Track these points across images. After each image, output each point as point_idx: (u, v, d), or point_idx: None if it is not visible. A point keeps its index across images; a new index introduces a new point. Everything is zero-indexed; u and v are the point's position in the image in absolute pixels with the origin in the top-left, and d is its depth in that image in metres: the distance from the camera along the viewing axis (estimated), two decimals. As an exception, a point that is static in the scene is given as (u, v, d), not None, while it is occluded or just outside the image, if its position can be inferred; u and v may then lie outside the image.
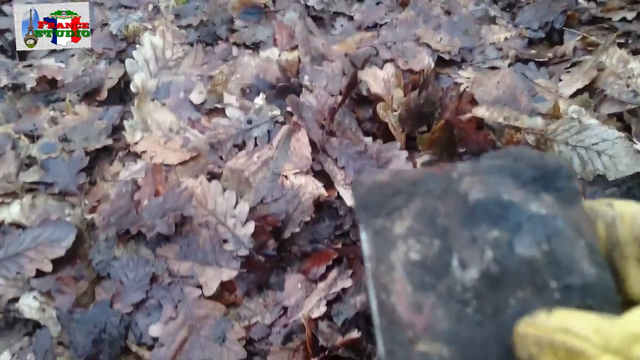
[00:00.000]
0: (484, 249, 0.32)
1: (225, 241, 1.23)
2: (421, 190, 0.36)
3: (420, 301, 0.31)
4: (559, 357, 0.25)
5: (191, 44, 1.74)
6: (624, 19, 1.76)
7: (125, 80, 1.66)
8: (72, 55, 1.75)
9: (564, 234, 0.31)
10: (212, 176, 1.36)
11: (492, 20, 1.83)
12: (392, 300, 0.32)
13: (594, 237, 0.32)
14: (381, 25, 1.78)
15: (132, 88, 1.58)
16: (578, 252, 0.30)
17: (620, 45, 1.58)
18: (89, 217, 1.34)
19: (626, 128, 1.42)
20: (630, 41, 1.67)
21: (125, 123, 1.48)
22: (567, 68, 1.62)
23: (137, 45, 1.67)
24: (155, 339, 1.14)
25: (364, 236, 0.35)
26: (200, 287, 1.20)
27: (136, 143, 1.44)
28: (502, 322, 0.31)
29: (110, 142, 1.50)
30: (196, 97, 1.56)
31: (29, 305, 1.18)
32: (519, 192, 0.33)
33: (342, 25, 1.82)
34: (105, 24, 1.82)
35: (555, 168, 0.35)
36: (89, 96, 1.64)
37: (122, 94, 1.67)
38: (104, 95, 1.64)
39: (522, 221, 0.32)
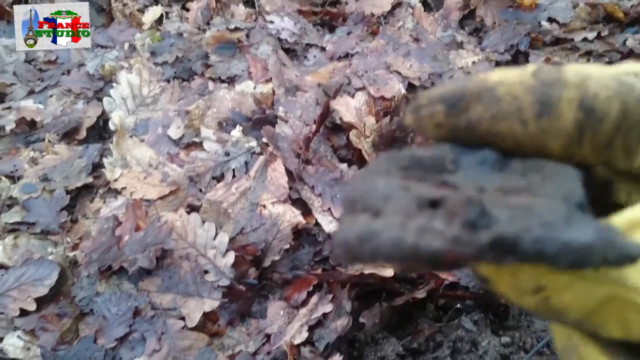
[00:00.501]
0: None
1: (206, 272, 1.25)
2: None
3: None
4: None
5: (167, 81, 1.77)
6: (585, 39, 1.83)
7: (104, 118, 1.69)
8: (51, 96, 1.78)
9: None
10: (192, 209, 1.38)
11: (460, 45, 1.89)
12: None
13: None
14: (352, 55, 1.83)
15: (111, 126, 1.60)
16: None
17: (582, 65, 1.65)
18: (71, 254, 1.36)
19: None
20: (592, 60, 1.74)
21: (105, 160, 1.50)
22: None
23: (114, 84, 1.71)
24: (140, 373, 1.15)
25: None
26: (183, 318, 1.21)
27: (116, 180, 1.46)
28: None
29: (90, 179, 1.53)
30: (174, 132, 1.59)
31: (13, 345, 1.18)
32: None
33: (314, 56, 1.87)
34: (82, 64, 1.85)
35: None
36: (68, 135, 1.66)
37: (100, 132, 1.70)
38: (83, 134, 1.66)
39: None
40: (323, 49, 1.89)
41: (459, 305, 1.17)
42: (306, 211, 1.37)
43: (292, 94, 1.65)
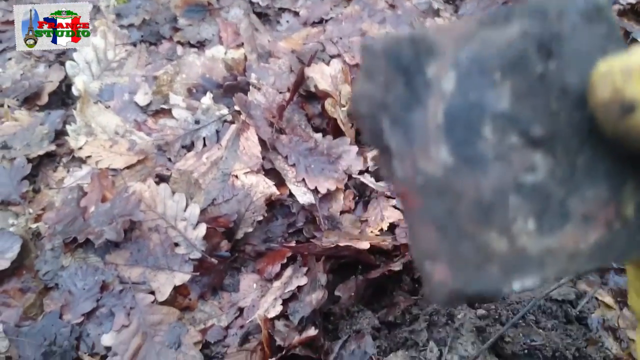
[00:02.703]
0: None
1: (176, 245, 1.21)
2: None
3: None
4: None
5: (134, 44, 1.70)
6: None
7: (67, 83, 1.61)
8: (9, 59, 1.69)
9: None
10: (161, 179, 1.33)
11: (436, 13, 1.85)
12: None
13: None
14: (327, 21, 1.77)
15: (74, 91, 1.53)
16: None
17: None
18: (34, 226, 1.30)
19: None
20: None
21: (68, 128, 1.43)
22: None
23: (78, 47, 1.62)
24: (108, 349, 1.11)
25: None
26: (152, 292, 1.17)
27: (80, 148, 1.40)
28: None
29: (53, 147, 1.46)
30: (141, 99, 1.52)
31: (-27, 321, 1.13)
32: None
33: (287, 22, 1.81)
34: (43, 26, 1.75)
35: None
36: (29, 101, 1.58)
37: (63, 97, 1.62)
38: (44, 99, 1.58)
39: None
40: (296, 13, 1.83)
41: (435, 278, 1.16)
42: (280, 182, 1.34)
43: (265, 60, 1.60)
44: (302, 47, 1.64)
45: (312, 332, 1.09)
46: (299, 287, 1.17)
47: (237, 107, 1.41)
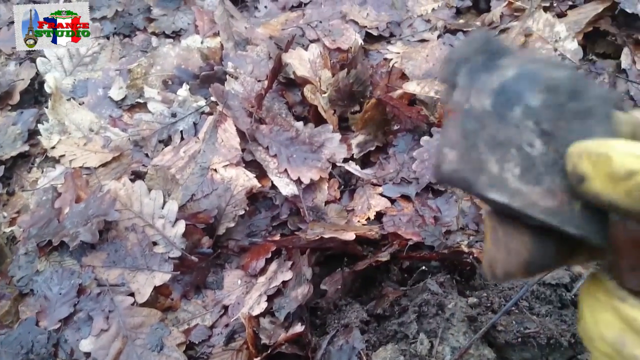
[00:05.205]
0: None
1: (155, 244, 1.16)
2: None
3: None
4: (592, 161, 0.35)
5: (107, 37, 1.64)
6: (547, -18, 1.75)
7: (39, 80, 1.56)
8: (-21, 58, 1.63)
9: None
10: (137, 176, 1.29)
11: (418, -8, 1.79)
12: None
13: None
14: (306, 4, 1.72)
15: (46, 88, 1.48)
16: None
17: (545, 9, 1.57)
18: (8, 230, 1.26)
19: (556, 92, 1.41)
20: (555, 4, 1.67)
21: (40, 127, 1.39)
22: (495, 36, 1.61)
23: (48, 43, 1.57)
24: (87, 355, 1.07)
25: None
26: (132, 294, 1.13)
27: (53, 147, 1.35)
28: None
29: (26, 148, 1.41)
30: (116, 93, 1.47)
31: (-55, 333, 1.09)
32: None
33: (265, 7, 1.75)
34: (12, 22, 1.69)
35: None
36: (0, 100, 1.53)
37: (36, 95, 1.57)
38: (16, 98, 1.53)
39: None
40: (274, -2, 1.78)
41: (423, 267, 1.12)
42: (261, 173, 1.29)
43: (242, 47, 1.54)
44: (281, 33, 1.59)
45: (298, 328, 1.04)
46: (284, 282, 1.13)
47: (214, 98, 1.36)
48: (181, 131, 1.36)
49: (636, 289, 0.39)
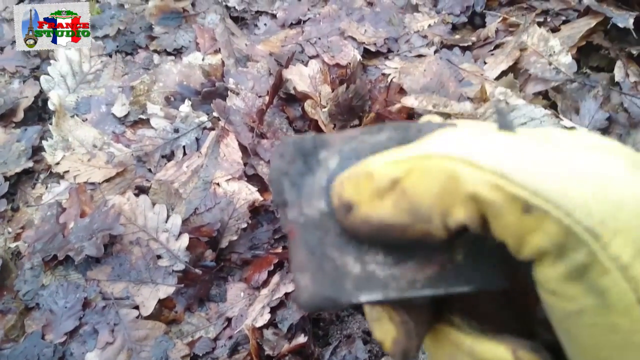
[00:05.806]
0: None
1: (159, 257, 1.18)
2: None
3: None
4: (354, 184, 0.33)
5: (110, 55, 1.67)
6: (541, -2, 1.79)
7: (42, 98, 1.58)
8: (-17, 76, 1.66)
9: None
10: (140, 191, 1.31)
11: (415, 9, 1.83)
12: None
13: None
14: (304, 21, 1.75)
15: (50, 106, 1.50)
16: None
17: (539, 24, 1.61)
18: (13, 245, 1.27)
19: (552, 105, 1.44)
20: (549, 19, 1.70)
21: (45, 143, 1.41)
22: (490, 50, 1.64)
23: (52, 61, 1.59)
24: (93, 367, 1.08)
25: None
26: (137, 307, 1.15)
27: (58, 163, 1.37)
28: None
29: (30, 164, 1.43)
30: (119, 110, 1.49)
31: (-48, 347, 1.10)
32: None
33: (265, 24, 1.78)
34: (16, 42, 1.72)
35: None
36: (5, 118, 1.55)
37: (40, 113, 1.59)
38: (20, 115, 1.55)
39: None
40: (274, 16, 1.81)
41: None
42: (263, 187, 1.31)
43: (243, 64, 1.57)
44: (281, 49, 1.61)
45: (301, 339, 1.06)
46: (287, 294, 1.15)
47: (216, 114, 1.38)
48: (184, 146, 1.38)
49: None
